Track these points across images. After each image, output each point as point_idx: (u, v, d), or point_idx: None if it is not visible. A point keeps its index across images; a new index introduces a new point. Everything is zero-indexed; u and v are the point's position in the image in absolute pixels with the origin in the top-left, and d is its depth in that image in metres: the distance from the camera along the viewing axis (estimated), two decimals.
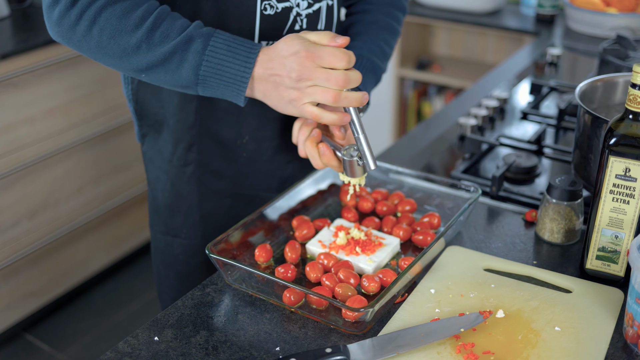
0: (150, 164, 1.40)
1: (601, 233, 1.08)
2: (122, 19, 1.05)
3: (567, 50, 2.42)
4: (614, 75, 1.39)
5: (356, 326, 1.01)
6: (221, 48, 1.06)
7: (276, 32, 1.24)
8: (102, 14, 1.05)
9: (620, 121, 1.02)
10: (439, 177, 1.31)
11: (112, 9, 1.06)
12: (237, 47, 1.06)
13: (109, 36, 1.06)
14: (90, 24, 1.06)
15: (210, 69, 1.06)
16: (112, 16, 1.05)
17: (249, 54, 1.06)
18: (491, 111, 1.78)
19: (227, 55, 1.06)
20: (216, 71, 1.06)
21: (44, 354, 2.61)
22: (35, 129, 2.45)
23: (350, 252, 1.15)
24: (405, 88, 3.73)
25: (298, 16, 1.24)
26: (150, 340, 1.02)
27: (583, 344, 0.98)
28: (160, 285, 1.53)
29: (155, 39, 1.06)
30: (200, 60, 1.06)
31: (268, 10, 1.20)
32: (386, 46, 1.38)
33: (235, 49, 1.06)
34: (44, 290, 2.68)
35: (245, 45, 1.07)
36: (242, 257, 1.17)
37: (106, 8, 1.05)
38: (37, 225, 2.57)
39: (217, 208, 1.40)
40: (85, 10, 1.06)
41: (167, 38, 1.06)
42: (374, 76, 1.34)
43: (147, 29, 1.05)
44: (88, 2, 1.05)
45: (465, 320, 1.01)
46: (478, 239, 1.25)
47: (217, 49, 1.06)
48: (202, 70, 1.06)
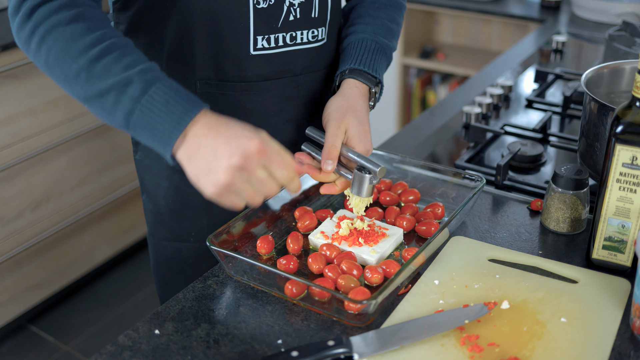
0: (148, 171, 1.36)
1: (607, 222, 1.07)
2: (70, 42, 0.99)
3: (572, 37, 2.40)
4: (620, 62, 1.37)
5: (359, 318, 1.00)
6: (158, 101, 0.96)
7: (271, 25, 1.21)
8: (52, 32, 0.99)
9: (627, 109, 1.01)
10: (443, 167, 1.30)
11: (62, 29, 0.99)
12: (174, 103, 0.96)
13: (55, 57, 1.00)
14: (40, 41, 1.00)
15: (142, 119, 0.96)
16: (61, 37, 0.99)
17: (184, 114, 0.95)
18: (496, 99, 1.76)
19: (161, 110, 0.96)
20: (147, 122, 0.96)
21: (48, 345, 2.61)
22: (37, 121, 2.44)
23: (353, 243, 1.14)
24: (410, 76, 3.70)
25: (291, 6, 1.22)
26: (151, 333, 1.01)
27: (589, 335, 0.97)
28: (166, 294, 1.47)
29: (96, 71, 0.98)
30: (134, 108, 0.96)
31: (261, 4, 1.18)
32: (392, 23, 1.36)
33: (172, 105, 0.96)
34: (48, 282, 2.68)
35: (185, 104, 0.96)
36: (244, 248, 1.16)
37: (57, 27, 0.99)
38: (41, 217, 2.56)
39: (224, 210, 1.36)
40: (38, 26, 1.00)
41: (108, 73, 0.97)
42: (384, 57, 1.32)
43: (91, 59, 0.98)
44: (42, 18, 1.00)
45: (469, 311, 1.00)
46: (483, 229, 1.23)
47: (153, 100, 0.96)
48: (134, 118, 0.97)
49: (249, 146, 0.93)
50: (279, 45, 1.24)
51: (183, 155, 0.97)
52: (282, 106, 1.30)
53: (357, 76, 1.25)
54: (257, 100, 1.27)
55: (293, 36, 1.25)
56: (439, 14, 3.69)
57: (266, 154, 0.94)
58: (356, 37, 1.31)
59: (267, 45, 1.22)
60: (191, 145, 0.95)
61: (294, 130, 1.35)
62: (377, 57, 1.29)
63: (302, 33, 1.25)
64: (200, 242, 1.39)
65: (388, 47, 1.33)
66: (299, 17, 1.24)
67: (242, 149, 0.93)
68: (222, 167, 0.93)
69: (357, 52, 1.29)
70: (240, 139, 0.94)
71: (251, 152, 0.93)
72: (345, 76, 1.26)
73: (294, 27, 1.24)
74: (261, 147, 0.94)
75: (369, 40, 1.30)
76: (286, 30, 1.23)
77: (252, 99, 1.26)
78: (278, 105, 1.30)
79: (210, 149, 0.94)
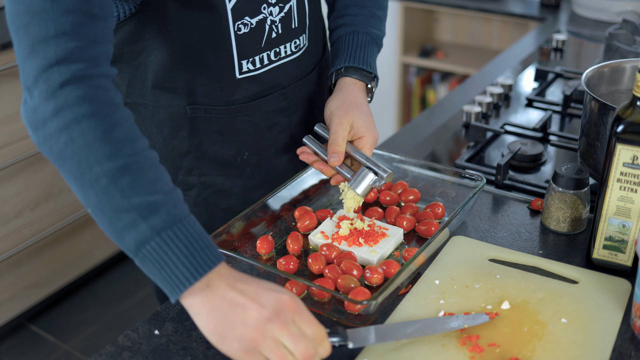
0: None
1: (608, 222, 1.06)
2: (99, 140, 0.86)
3: (572, 36, 2.39)
4: (620, 61, 1.37)
5: (359, 318, 0.99)
6: (180, 240, 0.86)
7: (255, 47, 1.20)
8: (82, 122, 0.86)
9: (628, 108, 1.00)
10: (443, 166, 1.29)
11: (96, 122, 0.86)
12: (197, 247, 0.87)
13: (75, 152, 0.86)
14: (63, 127, 0.86)
15: (156, 254, 0.86)
16: (91, 131, 0.86)
17: (204, 262, 0.86)
18: (496, 98, 1.76)
19: (181, 250, 0.86)
20: (161, 259, 0.86)
21: (48, 344, 2.61)
22: None
23: (353, 243, 1.14)
24: (409, 75, 3.70)
25: (273, 24, 1.21)
26: (151, 333, 1.00)
27: (590, 335, 0.96)
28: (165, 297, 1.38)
29: (121, 184, 0.86)
30: (151, 239, 0.86)
31: (242, 30, 1.16)
32: (379, 10, 1.36)
33: (194, 248, 0.86)
34: (47, 281, 2.68)
35: (207, 251, 0.87)
36: (244, 248, 1.16)
37: (90, 118, 0.86)
38: (40, 215, 2.56)
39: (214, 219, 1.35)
40: (66, 108, 0.86)
41: (134, 191, 0.86)
42: (376, 47, 1.33)
43: (120, 166, 0.86)
44: (73, 101, 0.86)
45: (470, 319, 0.99)
46: (483, 229, 1.23)
47: (176, 238, 0.86)
48: (147, 249, 0.86)
49: (281, 299, 0.85)
50: (265, 64, 1.23)
51: (200, 306, 0.86)
52: (273, 120, 1.30)
53: (353, 74, 1.26)
54: (247, 119, 1.26)
55: (277, 52, 1.24)
56: (439, 13, 3.68)
57: (297, 309, 0.86)
58: (346, 30, 1.31)
59: (253, 67, 1.22)
60: (213, 296, 0.86)
61: (287, 139, 1.35)
62: (370, 49, 1.29)
63: (285, 47, 1.25)
64: None
65: (378, 36, 1.34)
66: (281, 32, 1.23)
67: (274, 301, 0.85)
68: (252, 321, 0.83)
69: (350, 48, 1.29)
70: (271, 292, 0.86)
71: (283, 305, 0.85)
72: (342, 74, 1.26)
73: (277, 43, 1.23)
74: (292, 301, 0.85)
75: (360, 33, 1.30)
76: (270, 47, 1.22)
77: (243, 120, 1.26)
78: (269, 120, 1.29)
79: (237, 302, 0.85)
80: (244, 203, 1.33)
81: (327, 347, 0.87)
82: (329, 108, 1.21)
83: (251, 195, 1.34)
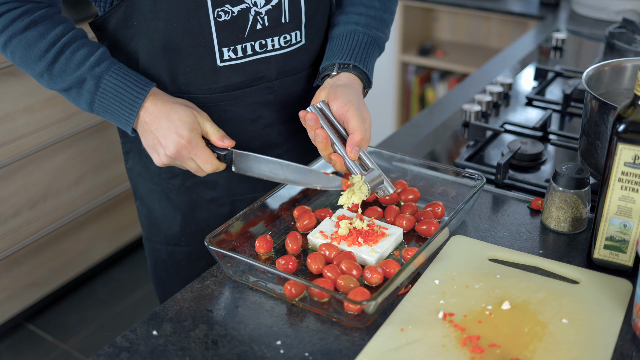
0: (140, 178, 1.40)
1: (609, 222, 1.06)
2: (27, 49, 1.14)
3: (572, 35, 2.39)
4: (621, 60, 1.36)
5: (359, 319, 0.99)
6: (110, 92, 1.15)
7: (237, 36, 1.20)
8: (11, 41, 1.14)
9: (629, 107, 1.00)
10: (443, 165, 1.28)
11: (19, 38, 1.13)
12: (124, 92, 1.15)
13: (19, 62, 1.16)
14: (3, 47, 1.15)
15: (101, 107, 1.16)
16: (20, 45, 1.14)
17: (134, 101, 1.15)
18: (495, 97, 1.75)
19: (114, 99, 1.15)
20: (106, 109, 1.16)
21: (46, 343, 2.60)
22: (34, 118, 2.43)
23: (353, 243, 1.13)
24: (408, 74, 3.69)
25: (258, 15, 1.20)
26: (149, 334, 1.00)
27: (591, 336, 0.96)
28: (165, 294, 1.51)
29: (55, 72, 1.15)
30: (93, 99, 1.16)
31: (223, 17, 1.18)
32: (385, 13, 1.34)
33: (122, 94, 1.15)
34: (45, 281, 2.67)
35: (132, 91, 1.15)
36: (242, 248, 1.15)
37: (15, 37, 1.13)
38: (38, 215, 2.55)
39: (214, 216, 1.38)
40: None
41: (64, 73, 1.14)
42: (377, 48, 1.31)
43: (48, 63, 1.14)
44: (1, 28, 1.13)
45: (324, 179, 1.12)
46: (483, 228, 1.22)
47: (106, 92, 1.15)
48: (95, 106, 1.16)
49: (178, 142, 1.13)
50: (248, 55, 1.23)
51: (139, 131, 1.18)
52: (258, 113, 1.29)
53: (358, 74, 1.24)
54: (230, 109, 1.26)
55: (263, 44, 1.23)
56: (438, 11, 3.68)
57: (193, 151, 1.14)
58: (349, 29, 1.29)
59: (235, 56, 1.22)
60: (142, 126, 1.17)
61: (274, 134, 1.34)
62: (368, 49, 1.28)
63: (272, 40, 1.24)
64: (190, 246, 1.41)
65: (380, 39, 1.33)
66: (268, 25, 1.22)
67: (174, 145, 1.14)
68: (162, 154, 1.16)
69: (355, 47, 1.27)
70: (173, 136, 1.14)
71: (179, 147, 1.13)
72: (350, 70, 1.24)
73: (263, 35, 1.23)
74: (188, 145, 1.13)
75: (360, 33, 1.28)
76: (254, 39, 1.22)
77: (225, 109, 1.26)
78: (254, 112, 1.29)
79: (153, 136, 1.16)
80: (228, 195, 1.36)
81: (221, 166, 1.18)
82: (345, 95, 1.17)
83: (236, 188, 1.35)
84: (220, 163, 1.18)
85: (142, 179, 1.39)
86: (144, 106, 1.16)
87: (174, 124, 1.14)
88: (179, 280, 1.45)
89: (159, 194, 1.37)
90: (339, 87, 1.19)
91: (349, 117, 1.14)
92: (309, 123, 1.14)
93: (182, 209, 1.37)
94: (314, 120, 1.14)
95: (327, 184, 1.12)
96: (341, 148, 1.14)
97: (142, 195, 1.42)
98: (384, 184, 1.14)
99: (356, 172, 1.13)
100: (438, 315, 1.00)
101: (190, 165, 1.16)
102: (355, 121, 1.13)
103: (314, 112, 1.16)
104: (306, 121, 1.15)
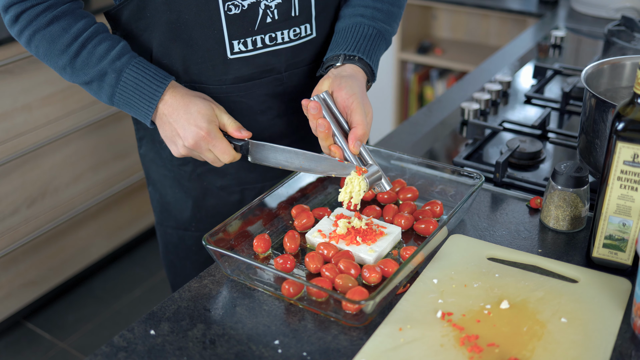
0: (153, 164, 1.43)
1: (608, 221, 1.06)
2: (51, 43, 1.17)
3: (571, 32, 2.38)
4: (620, 58, 1.36)
5: (357, 318, 0.98)
6: (131, 85, 1.18)
7: (247, 29, 1.22)
8: (35, 36, 1.18)
9: (628, 106, 0.99)
10: (442, 164, 1.28)
11: (43, 32, 1.17)
12: (144, 85, 1.18)
13: (43, 56, 1.19)
14: (28, 41, 1.19)
15: (122, 100, 1.20)
16: (44, 39, 1.17)
17: (153, 94, 1.18)
18: (494, 95, 1.75)
19: (135, 92, 1.18)
20: (126, 102, 1.20)
21: (45, 342, 2.60)
22: (32, 116, 2.42)
23: (351, 242, 1.13)
24: (407, 72, 3.69)
25: (268, 9, 1.21)
26: (147, 334, 0.99)
27: (590, 335, 0.95)
28: (175, 277, 1.55)
29: (77, 65, 1.18)
30: (114, 92, 1.19)
31: (233, 10, 1.19)
32: (393, 6, 1.34)
33: (142, 87, 1.18)
34: (44, 279, 2.67)
35: (152, 84, 1.18)
36: (240, 247, 1.15)
37: (39, 31, 1.17)
38: (36, 213, 2.54)
39: (224, 203, 1.40)
40: (23, 30, 1.18)
41: (87, 67, 1.18)
42: (383, 41, 1.31)
43: (70, 57, 1.18)
44: (26, 23, 1.17)
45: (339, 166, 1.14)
46: (482, 227, 1.22)
47: (127, 85, 1.18)
48: (116, 99, 1.20)
49: (196, 133, 1.16)
50: (258, 47, 1.24)
51: (157, 123, 1.21)
52: (268, 104, 1.30)
53: (363, 66, 1.24)
54: (240, 100, 1.28)
55: (273, 37, 1.24)
56: (437, 9, 3.67)
57: (211, 142, 1.17)
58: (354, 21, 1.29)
59: (245, 49, 1.23)
60: (160, 118, 1.20)
61: (284, 125, 1.35)
62: (375, 41, 1.28)
63: (282, 33, 1.25)
64: (200, 231, 1.44)
65: (387, 32, 1.32)
66: (278, 18, 1.23)
67: (193, 137, 1.16)
68: (180, 145, 1.19)
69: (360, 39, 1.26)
70: (192, 127, 1.16)
71: (197, 138, 1.16)
72: (355, 62, 1.24)
73: (273, 29, 1.23)
74: (207, 135, 1.16)
75: (365, 26, 1.28)
76: (264, 32, 1.23)
77: (235, 100, 1.28)
78: (264, 103, 1.30)
79: (172, 129, 1.19)
80: (238, 184, 1.39)
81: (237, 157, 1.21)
82: (350, 88, 1.16)
83: (246, 177, 1.38)
84: (237, 153, 1.20)
85: (154, 165, 1.43)
86: (163, 99, 1.19)
87: (193, 116, 1.16)
88: (189, 264, 1.50)
89: (171, 180, 1.41)
90: (344, 77, 1.19)
91: (352, 110, 1.14)
92: (312, 112, 1.14)
93: (193, 195, 1.40)
94: (317, 109, 1.14)
95: (342, 171, 1.14)
96: (342, 140, 1.14)
97: (154, 181, 1.46)
98: (382, 181, 1.14)
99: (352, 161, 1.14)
100: (436, 314, 1.00)
101: (207, 156, 1.19)
102: (359, 114, 1.14)
103: (317, 102, 1.15)
104: (309, 110, 1.15)
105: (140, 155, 1.46)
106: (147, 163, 1.45)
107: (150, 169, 1.45)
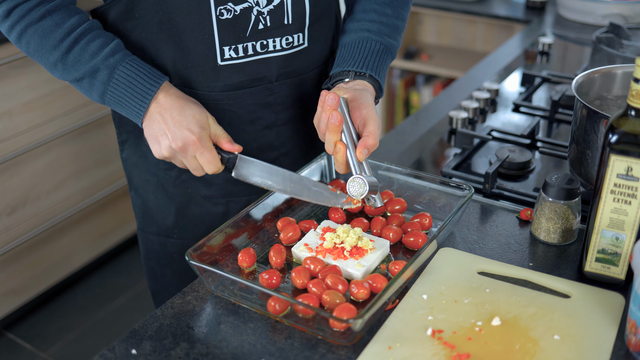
0: (136, 168, 1.40)
1: (601, 235, 1.03)
2: (43, 38, 1.14)
3: (558, 39, 2.37)
4: (611, 67, 1.34)
5: (345, 336, 0.96)
6: (123, 83, 1.15)
7: (238, 35, 1.20)
8: (27, 30, 1.14)
9: (622, 118, 0.97)
10: (430, 175, 1.25)
11: (35, 27, 1.14)
12: (137, 83, 1.15)
13: (34, 52, 1.16)
14: (18, 37, 1.15)
15: (113, 98, 1.16)
16: (35, 34, 1.14)
17: (146, 93, 1.15)
18: (482, 103, 1.73)
19: (127, 90, 1.15)
20: (118, 100, 1.17)
21: (25, 352, 2.55)
22: (13, 123, 2.38)
23: (338, 256, 1.10)
24: (393, 77, 3.67)
25: (260, 15, 1.20)
26: (128, 353, 0.96)
27: (584, 353, 0.93)
28: (155, 284, 1.53)
29: (69, 61, 1.15)
30: (106, 90, 1.16)
31: (225, 15, 1.17)
32: (397, 20, 1.32)
33: (134, 85, 1.15)
34: (25, 288, 2.62)
35: (145, 83, 1.15)
36: (225, 261, 1.12)
37: (31, 26, 1.14)
38: (17, 221, 2.50)
39: (208, 213, 1.38)
40: (14, 25, 1.14)
41: (79, 63, 1.15)
42: (389, 56, 1.30)
43: (62, 52, 1.14)
44: (18, 18, 1.14)
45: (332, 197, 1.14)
46: (471, 240, 1.19)
47: (120, 83, 1.15)
48: (107, 97, 1.17)
49: (187, 137, 1.12)
50: (249, 54, 1.22)
51: (146, 121, 1.17)
52: (257, 114, 1.28)
53: (372, 82, 1.24)
54: (229, 109, 1.26)
55: (264, 44, 1.22)
56: (423, 14, 3.66)
57: (199, 150, 1.13)
58: (360, 36, 1.27)
59: (236, 55, 1.21)
60: (150, 116, 1.16)
61: (273, 137, 1.32)
62: (381, 57, 1.27)
63: (274, 41, 1.23)
64: (183, 239, 1.42)
65: (392, 46, 1.31)
66: (270, 25, 1.21)
67: (183, 140, 1.13)
68: (166, 145, 1.14)
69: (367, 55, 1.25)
70: (184, 130, 1.13)
71: (187, 142, 1.13)
72: (366, 79, 1.23)
73: (265, 36, 1.22)
74: (197, 141, 1.13)
75: (372, 41, 1.27)
76: (256, 39, 1.21)
77: (224, 108, 1.26)
78: (253, 113, 1.28)
79: (162, 127, 1.14)
80: (224, 195, 1.36)
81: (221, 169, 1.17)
82: (368, 104, 1.16)
83: (232, 189, 1.35)
84: (222, 166, 1.17)
85: (137, 169, 1.39)
86: (157, 98, 1.16)
87: (187, 119, 1.14)
88: (170, 272, 1.47)
89: (154, 185, 1.38)
90: (358, 90, 1.19)
91: (368, 119, 1.14)
92: (329, 102, 1.12)
93: (176, 201, 1.38)
94: (336, 100, 1.12)
95: (333, 200, 1.14)
96: (349, 143, 1.13)
97: (136, 186, 1.43)
98: (377, 195, 1.12)
99: (356, 170, 1.12)
100: (427, 332, 0.97)
101: (191, 162, 1.16)
102: (373, 125, 1.13)
103: (337, 94, 1.13)
104: (326, 100, 1.12)
105: (123, 159, 1.43)
106: (129, 167, 1.42)
107: (133, 173, 1.42)
